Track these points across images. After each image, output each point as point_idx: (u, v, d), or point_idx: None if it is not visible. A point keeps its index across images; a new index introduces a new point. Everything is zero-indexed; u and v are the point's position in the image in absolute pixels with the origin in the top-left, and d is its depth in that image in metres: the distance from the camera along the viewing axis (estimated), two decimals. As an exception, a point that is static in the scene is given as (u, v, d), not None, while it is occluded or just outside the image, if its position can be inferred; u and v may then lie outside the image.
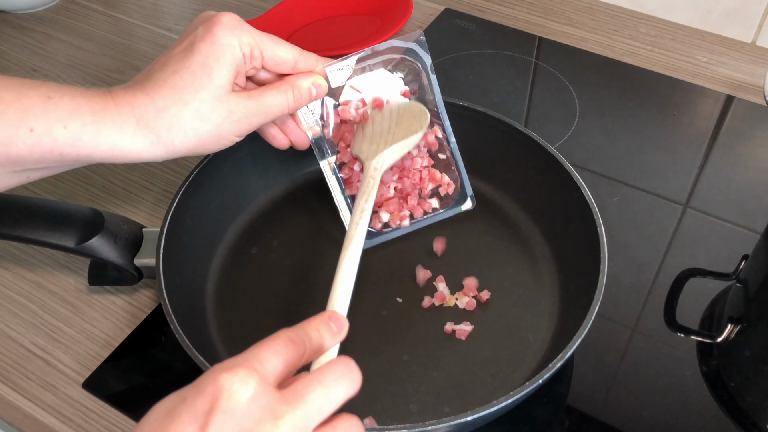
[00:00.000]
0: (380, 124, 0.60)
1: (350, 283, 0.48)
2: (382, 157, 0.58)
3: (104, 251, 0.58)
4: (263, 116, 0.54)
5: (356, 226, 0.52)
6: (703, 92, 0.84)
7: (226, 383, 0.35)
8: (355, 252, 0.50)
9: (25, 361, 0.61)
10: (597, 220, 0.59)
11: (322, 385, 0.37)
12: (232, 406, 0.34)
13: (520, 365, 0.58)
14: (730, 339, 0.61)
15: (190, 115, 0.51)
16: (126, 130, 0.50)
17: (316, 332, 0.41)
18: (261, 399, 0.35)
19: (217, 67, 0.51)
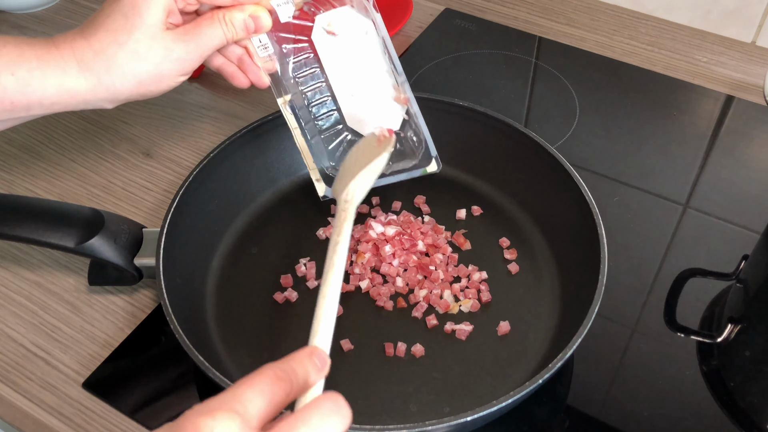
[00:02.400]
0: (348, 162, 0.60)
1: (332, 318, 0.47)
2: (350, 189, 0.57)
3: (104, 251, 0.58)
4: (202, 49, 0.55)
5: (332, 263, 0.50)
6: (703, 92, 0.84)
7: (205, 428, 0.33)
8: (335, 287, 0.48)
9: (25, 361, 0.61)
10: (597, 220, 0.59)
11: (307, 426, 0.35)
12: None
13: (520, 365, 0.58)
14: (730, 339, 0.61)
15: (126, 55, 0.52)
16: (69, 72, 0.52)
17: (302, 368, 0.39)
18: None
19: (147, 6, 0.52)
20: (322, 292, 0.48)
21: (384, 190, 0.71)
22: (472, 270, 0.64)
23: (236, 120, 0.82)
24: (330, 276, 0.49)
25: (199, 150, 0.79)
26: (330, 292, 0.48)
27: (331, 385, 0.57)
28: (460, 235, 0.67)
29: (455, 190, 0.71)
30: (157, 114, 0.83)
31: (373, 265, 0.65)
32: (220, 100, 0.84)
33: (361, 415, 0.55)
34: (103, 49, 0.52)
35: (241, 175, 0.69)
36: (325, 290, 0.48)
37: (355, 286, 0.64)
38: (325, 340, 0.45)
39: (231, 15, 0.55)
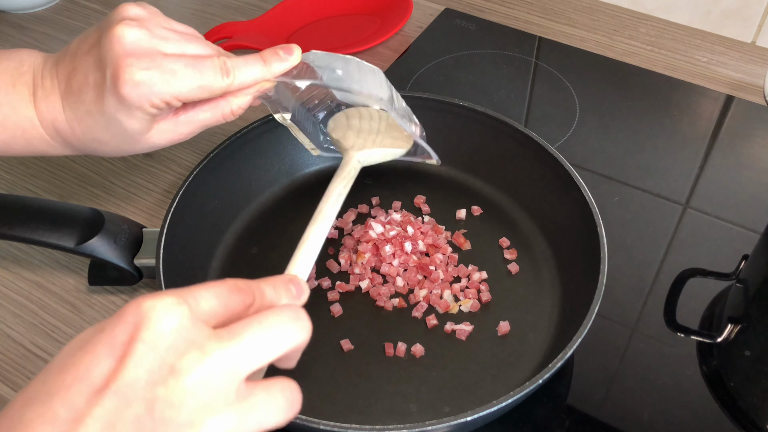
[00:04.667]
0: (369, 122, 0.59)
1: (314, 254, 0.48)
2: (366, 154, 0.57)
3: (104, 251, 0.58)
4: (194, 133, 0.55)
5: (330, 206, 0.51)
6: (703, 92, 0.84)
7: (149, 311, 0.31)
8: (324, 228, 0.50)
9: (25, 361, 0.61)
10: (597, 220, 0.59)
11: (262, 326, 0.33)
12: (154, 337, 0.31)
13: (520, 365, 0.58)
14: (730, 339, 0.61)
15: (110, 150, 0.53)
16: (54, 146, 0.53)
17: (271, 289, 0.38)
18: (188, 332, 0.31)
19: (129, 123, 0.50)
20: (310, 228, 0.49)
21: (384, 189, 0.71)
22: (472, 270, 0.64)
23: (236, 120, 0.81)
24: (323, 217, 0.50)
25: (199, 150, 0.78)
26: (318, 230, 0.49)
27: (331, 384, 0.57)
28: (460, 235, 0.67)
29: (455, 190, 0.71)
30: (157, 114, 0.83)
31: (373, 265, 0.65)
32: (220, 100, 0.84)
33: (361, 415, 0.56)
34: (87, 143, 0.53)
35: (241, 175, 0.69)
36: (313, 227, 0.49)
37: (355, 286, 0.64)
38: (304, 270, 0.45)
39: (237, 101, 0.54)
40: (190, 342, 0.31)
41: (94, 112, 0.50)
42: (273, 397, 0.33)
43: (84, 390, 0.29)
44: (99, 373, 0.30)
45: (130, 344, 0.30)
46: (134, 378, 0.30)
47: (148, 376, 0.30)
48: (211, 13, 0.97)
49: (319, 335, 0.61)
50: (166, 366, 0.30)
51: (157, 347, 0.30)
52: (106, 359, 0.30)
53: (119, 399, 0.29)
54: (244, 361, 0.32)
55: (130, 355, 0.30)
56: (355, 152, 0.57)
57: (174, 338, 0.31)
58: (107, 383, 0.30)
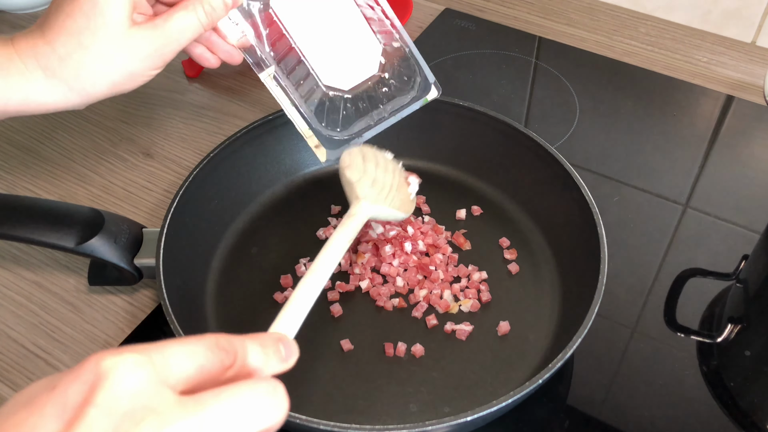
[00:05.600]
0: (383, 173, 0.57)
1: (306, 308, 0.44)
2: (377, 209, 0.55)
3: (104, 251, 0.58)
4: (174, 44, 0.51)
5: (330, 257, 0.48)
6: (703, 92, 0.84)
7: (109, 370, 0.28)
8: (320, 280, 0.46)
9: (25, 361, 0.61)
10: (597, 220, 0.59)
11: (233, 399, 0.30)
12: (111, 401, 0.27)
13: (520, 365, 0.58)
14: (730, 339, 0.61)
15: (93, 59, 0.49)
16: (35, 82, 0.49)
17: (259, 349, 0.34)
18: (149, 397, 0.28)
19: (108, 4, 0.48)
20: (306, 275, 0.46)
21: (384, 190, 0.71)
22: (472, 270, 0.64)
23: (236, 120, 0.82)
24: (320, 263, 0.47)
25: (199, 150, 0.79)
26: (312, 280, 0.45)
27: (331, 384, 0.57)
28: (460, 235, 0.67)
29: (455, 190, 0.71)
30: (157, 114, 0.83)
31: (373, 265, 0.65)
32: (220, 100, 0.84)
33: (361, 415, 0.55)
34: (68, 54, 0.48)
35: (241, 175, 0.69)
36: (308, 277, 0.45)
37: (355, 286, 0.64)
38: (293, 326, 0.42)
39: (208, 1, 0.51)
40: (149, 410, 0.28)
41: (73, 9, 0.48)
42: None
43: None
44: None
45: (82, 407, 0.27)
46: None
47: None
48: None
49: (319, 335, 0.61)
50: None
51: (112, 413, 0.27)
52: (53, 421, 0.27)
53: None
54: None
55: (81, 419, 0.27)
56: (368, 203, 0.54)
57: (132, 404, 0.27)
58: None
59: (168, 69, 0.88)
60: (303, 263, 0.65)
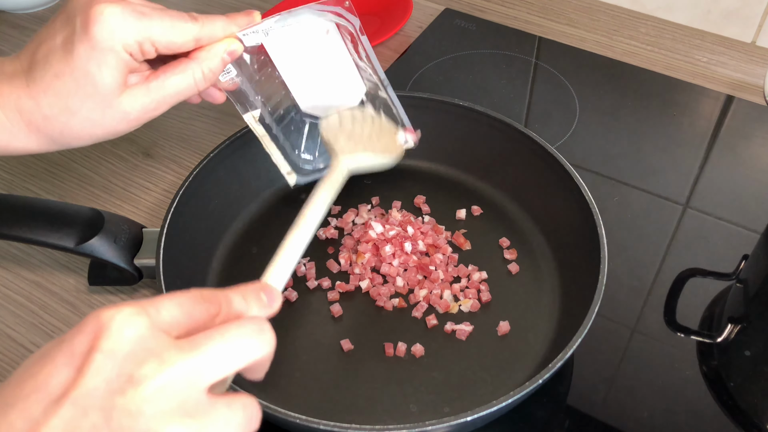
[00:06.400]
0: (361, 126, 0.58)
1: (292, 261, 0.46)
2: (355, 158, 0.56)
3: (104, 251, 0.58)
4: (166, 105, 0.50)
5: (313, 212, 0.49)
6: (703, 92, 0.84)
7: (108, 321, 0.31)
8: (304, 234, 0.48)
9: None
10: (597, 220, 0.59)
11: (224, 338, 0.33)
12: (113, 346, 0.30)
13: (520, 365, 0.58)
14: (730, 339, 0.61)
15: (80, 123, 0.48)
16: (18, 135, 0.48)
17: (240, 298, 0.37)
18: (147, 341, 0.31)
19: (100, 74, 0.46)
20: (291, 231, 0.47)
21: (384, 189, 0.71)
22: (472, 270, 0.64)
23: (236, 120, 0.81)
24: (305, 221, 0.48)
25: (199, 150, 0.79)
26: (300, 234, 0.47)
27: (331, 384, 0.57)
28: (460, 235, 0.67)
29: (455, 190, 0.71)
30: (157, 114, 0.83)
31: (373, 265, 0.65)
32: (220, 100, 0.84)
33: (361, 415, 0.55)
34: (54, 116, 0.47)
35: (242, 175, 0.69)
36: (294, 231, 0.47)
37: (355, 286, 0.64)
38: (280, 279, 0.44)
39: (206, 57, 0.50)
40: (149, 351, 0.31)
41: (62, 71, 0.46)
42: (233, 412, 0.33)
43: (42, 400, 0.29)
44: (57, 383, 0.30)
45: (89, 354, 0.30)
46: (92, 387, 0.30)
47: (106, 385, 0.30)
48: (211, 13, 0.97)
49: (319, 335, 0.61)
50: (125, 375, 0.30)
51: (116, 356, 0.30)
52: (65, 369, 0.30)
53: (77, 408, 0.29)
54: (205, 371, 0.32)
55: (89, 364, 0.30)
56: (345, 155, 0.56)
57: (133, 347, 0.31)
58: (65, 393, 0.29)
59: (168, 69, 0.88)
60: (303, 263, 0.65)
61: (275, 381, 0.57)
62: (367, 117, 0.60)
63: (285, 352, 0.60)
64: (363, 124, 0.59)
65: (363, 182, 0.72)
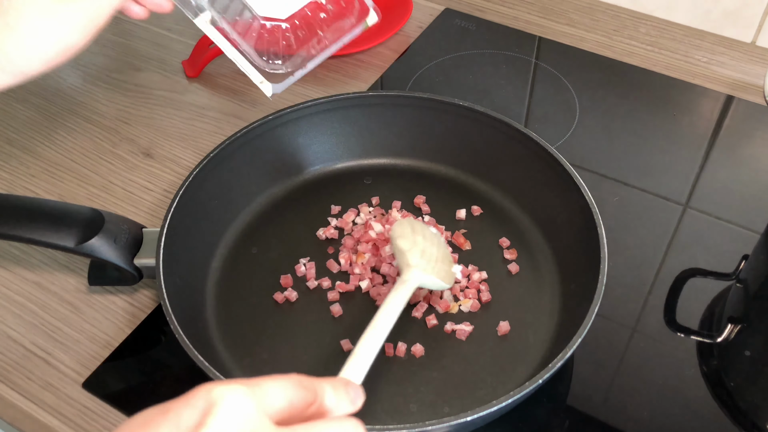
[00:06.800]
0: (430, 246, 0.59)
1: (368, 360, 0.46)
2: (426, 278, 0.56)
3: (104, 251, 0.58)
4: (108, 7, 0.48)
5: (385, 316, 0.50)
6: (703, 92, 0.84)
7: (219, 398, 0.31)
8: (379, 336, 0.49)
9: (25, 361, 0.61)
10: (597, 220, 0.59)
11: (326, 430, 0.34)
12: (223, 426, 0.30)
13: (520, 365, 0.58)
14: (730, 339, 0.61)
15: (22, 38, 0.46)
16: None
17: (332, 391, 0.37)
18: (255, 424, 0.31)
19: None
20: (366, 331, 0.49)
21: (384, 189, 0.71)
22: (472, 270, 0.64)
23: (236, 120, 0.82)
24: (378, 321, 0.50)
25: (199, 150, 0.79)
26: (372, 334, 0.48)
27: (331, 385, 0.57)
28: (460, 235, 0.67)
29: (455, 190, 0.71)
30: (157, 114, 0.83)
31: (373, 265, 0.65)
32: (220, 100, 0.84)
33: (361, 415, 0.55)
34: None
35: (241, 175, 0.69)
36: (367, 332, 0.48)
37: (355, 286, 0.64)
38: (358, 375, 0.44)
39: None
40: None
41: None
42: None
43: None
44: None
45: (196, 429, 0.30)
46: None
47: None
48: None
49: (319, 335, 0.61)
50: None
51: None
52: None
53: None
54: None
55: None
56: (419, 272, 0.55)
57: (241, 429, 0.30)
58: None
59: (168, 69, 0.88)
60: (303, 263, 0.65)
61: (275, 381, 0.58)
62: (435, 238, 0.61)
63: (285, 353, 0.60)
64: (432, 245, 0.59)
65: (363, 182, 0.72)
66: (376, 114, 0.72)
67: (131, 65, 0.90)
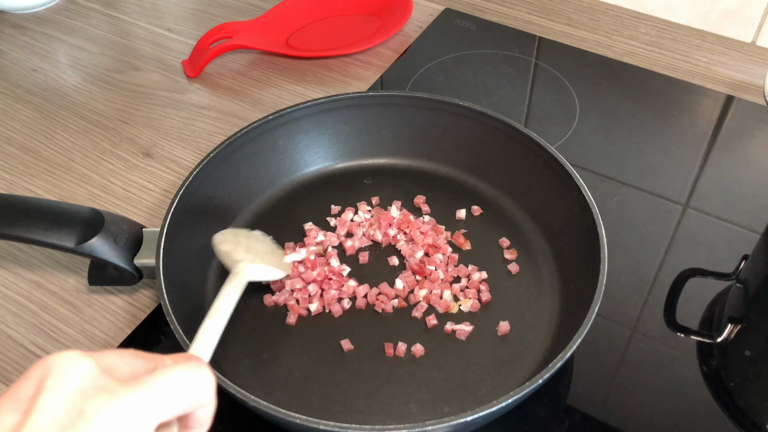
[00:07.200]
0: (255, 243, 0.62)
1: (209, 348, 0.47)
2: (255, 268, 0.58)
3: (104, 251, 0.58)
4: None
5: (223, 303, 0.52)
6: (703, 92, 0.84)
7: (55, 362, 0.31)
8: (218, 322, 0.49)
9: (25, 361, 0.61)
10: (597, 220, 0.59)
11: (168, 376, 0.33)
12: (61, 385, 0.30)
13: (520, 365, 0.58)
14: (730, 339, 0.61)
15: None
16: None
17: (171, 359, 0.36)
18: (96, 379, 0.31)
19: None
20: (205, 320, 0.49)
21: (384, 189, 0.71)
22: (472, 270, 0.64)
23: (236, 120, 0.82)
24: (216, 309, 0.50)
25: (199, 150, 0.79)
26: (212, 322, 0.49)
27: (331, 384, 0.57)
28: (460, 235, 0.67)
29: (455, 190, 0.71)
30: (157, 114, 0.83)
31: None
32: (220, 100, 0.84)
33: (361, 415, 0.55)
34: None
35: (241, 175, 0.69)
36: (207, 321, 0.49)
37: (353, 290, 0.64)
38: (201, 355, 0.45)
39: None
40: (98, 387, 0.31)
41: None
42: None
43: None
44: (2, 429, 0.29)
45: (35, 396, 0.30)
46: (41, 427, 0.29)
47: (56, 422, 0.29)
48: (211, 13, 0.97)
49: (319, 335, 0.61)
50: (75, 410, 0.29)
51: (64, 393, 0.30)
52: (11, 415, 0.30)
53: None
54: (154, 407, 0.32)
55: (36, 405, 0.29)
56: (246, 264, 0.57)
57: (82, 383, 0.30)
58: None
59: (168, 69, 0.88)
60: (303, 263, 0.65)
61: (275, 381, 0.57)
62: (259, 237, 0.63)
63: (283, 353, 0.60)
64: (256, 242, 0.62)
65: (363, 182, 0.72)
66: (376, 114, 0.72)
67: (131, 65, 0.90)
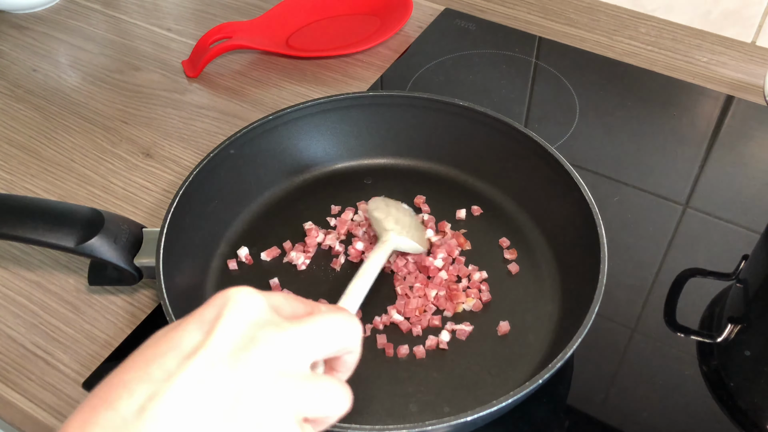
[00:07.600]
0: (403, 217, 0.64)
1: (357, 302, 0.53)
2: (402, 240, 0.61)
3: (104, 251, 0.58)
4: None
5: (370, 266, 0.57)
6: (703, 92, 0.84)
7: (234, 295, 0.36)
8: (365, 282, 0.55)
9: (25, 361, 0.61)
10: (597, 220, 0.59)
11: (326, 318, 0.38)
12: (239, 314, 0.35)
13: (520, 365, 0.58)
14: (730, 339, 0.61)
15: None
16: None
17: (326, 306, 0.41)
18: (266, 313, 0.36)
19: None
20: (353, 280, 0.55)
21: (384, 189, 0.71)
22: (472, 270, 0.64)
23: (236, 120, 0.82)
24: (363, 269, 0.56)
25: (199, 150, 0.79)
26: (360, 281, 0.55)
27: (331, 385, 0.57)
28: (460, 235, 0.67)
29: (455, 190, 0.71)
30: (157, 114, 0.83)
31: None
32: (220, 100, 0.84)
33: (361, 415, 0.55)
34: None
35: (241, 175, 0.69)
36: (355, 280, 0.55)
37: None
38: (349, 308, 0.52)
39: None
40: (268, 321, 0.36)
41: None
42: (336, 387, 0.38)
43: (176, 356, 0.34)
44: (189, 343, 0.34)
45: (216, 320, 0.35)
46: (219, 345, 0.34)
47: (232, 344, 0.34)
48: (211, 13, 0.97)
49: (319, 335, 0.61)
50: (248, 336, 0.35)
51: (240, 322, 0.35)
52: (196, 332, 0.35)
53: (206, 362, 0.34)
54: (313, 344, 0.37)
55: (216, 328, 0.35)
56: (395, 235, 0.61)
57: (255, 316, 0.36)
58: (196, 350, 0.34)
59: (168, 69, 0.88)
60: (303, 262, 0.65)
61: (275, 381, 0.57)
62: (407, 210, 0.66)
63: (285, 352, 0.60)
64: (404, 215, 0.65)
65: (363, 182, 0.72)
66: (376, 114, 0.72)
67: (131, 65, 0.90)
